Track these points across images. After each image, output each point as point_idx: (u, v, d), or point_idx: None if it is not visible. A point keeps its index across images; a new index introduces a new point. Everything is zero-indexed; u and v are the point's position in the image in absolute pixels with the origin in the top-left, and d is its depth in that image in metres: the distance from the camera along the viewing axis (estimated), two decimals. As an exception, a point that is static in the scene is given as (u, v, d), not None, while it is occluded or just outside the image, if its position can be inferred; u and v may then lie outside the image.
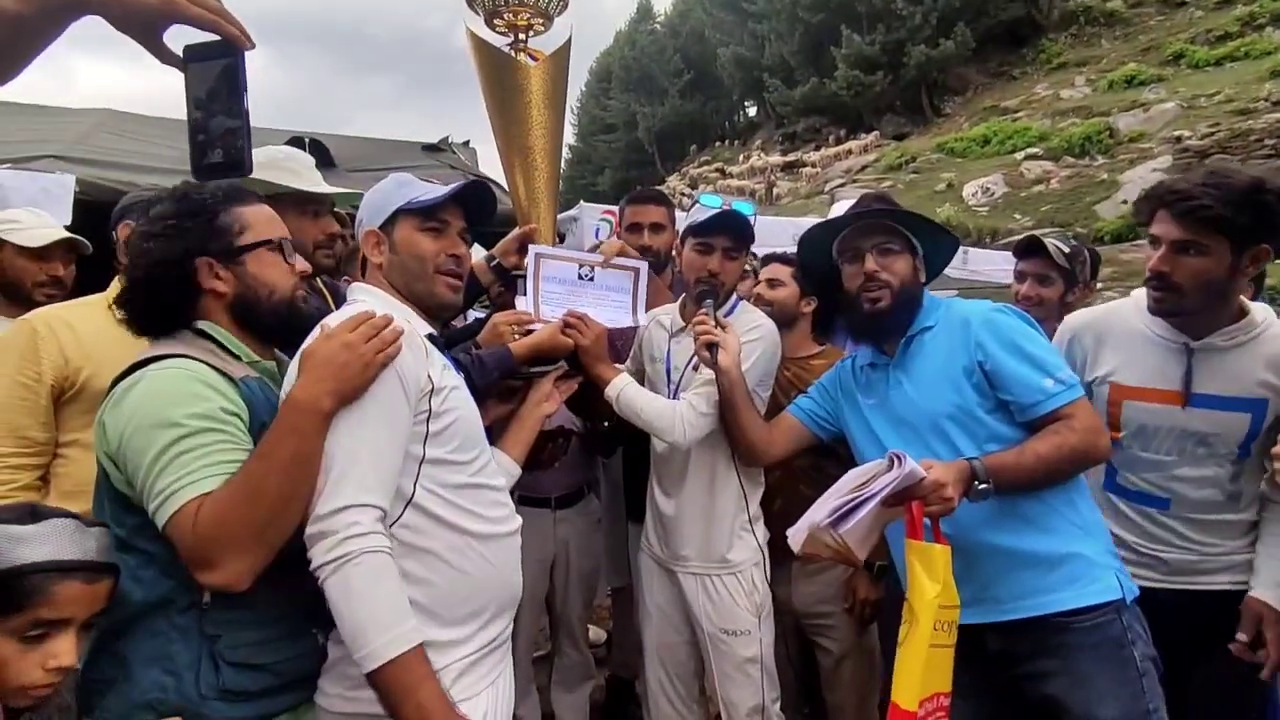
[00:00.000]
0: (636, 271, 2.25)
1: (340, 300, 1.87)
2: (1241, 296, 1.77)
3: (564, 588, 2.67)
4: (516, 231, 2.17)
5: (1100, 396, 1.88)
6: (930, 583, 1.45)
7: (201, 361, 1.31)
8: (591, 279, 2.20)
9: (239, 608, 1.27)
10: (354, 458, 1.27)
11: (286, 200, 1.83)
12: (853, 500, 1.47)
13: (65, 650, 1.10)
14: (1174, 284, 1.69)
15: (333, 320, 1.37)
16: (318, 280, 2.02)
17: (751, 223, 2.11)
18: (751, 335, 2.08)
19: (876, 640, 2.43)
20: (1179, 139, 18.00)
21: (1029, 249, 2.76)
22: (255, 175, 1.53)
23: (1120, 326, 1.87)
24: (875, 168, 24.85)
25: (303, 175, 1.97)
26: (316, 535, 1.23)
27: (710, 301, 2.01)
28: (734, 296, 2.21)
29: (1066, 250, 2.72)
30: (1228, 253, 1.65)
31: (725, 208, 2.10)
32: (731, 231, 2.09)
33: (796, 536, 1.54)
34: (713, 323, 1.94)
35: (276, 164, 1.93)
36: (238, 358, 1.39)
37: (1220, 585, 1.83)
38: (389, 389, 1.31)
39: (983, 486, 1.57)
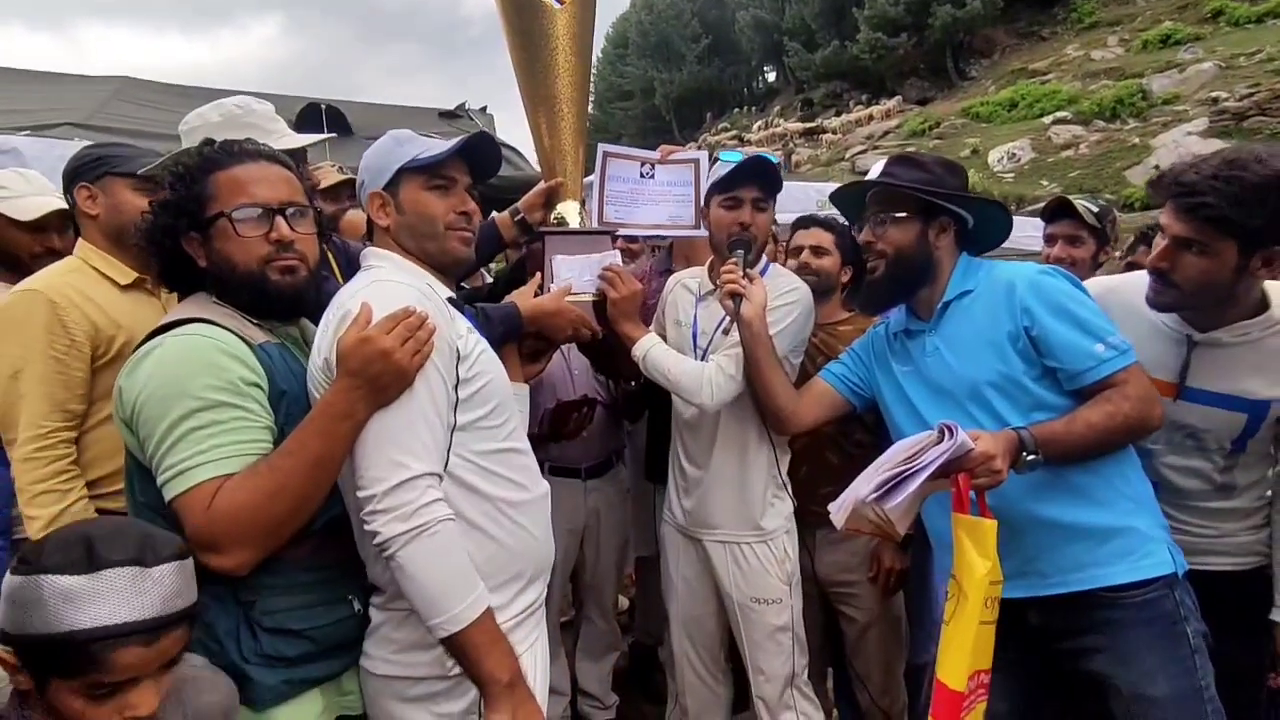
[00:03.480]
0: (696, 163, 2.23)
1: (351, 262, 1.83)
2: (1267, 284, 1.62)
3: (594, 558, 2.67)
4: (541, 186, 2.10)
5: None
6: (980, 559, 1.40)
7: (221, 326, 1.27)
8: (653, 176, 2.21)
9: (273, 574, 1.26)
10: (410, 429, 1.25)
11: None
12: (902, 473, 1.41)
13: (142, 702, 1.00)
14: (1173, 282, 1.57)
15: (351, 296, 1.31)
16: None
17: (778, 170, 2.05)
18: (787, 299, 2.02)
19: (902, 609, 2.40)
20: (1215, 100, 17.38)
21: (1058, 211, 2.72)
22: (213, 136, 1.45)
23: (1126, 306, 1.71)
24: (897, 134, 24.31)
25: (264, 129, 1.83)
26: (384, 509, 1.21)
27: (741, 252, 1.95)
28: (765, 259, 2.14)
29: (1095, 210, 2.67)
30: (1234, 254, 1.50)
31: (746, 158, 2.03)
32: (759, 180, 2.02)
33: (840, 512, 1.48)
34: (741, 273, 1.88)
35: (234, 120, 1.82)
36: (257, 322, 1.35)
37: (1217, 566, 1.76)
38: (429, 365, 1.29)
39: (1031, 458, 1.50)
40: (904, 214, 1.75)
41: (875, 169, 2.77)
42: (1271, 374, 1.61)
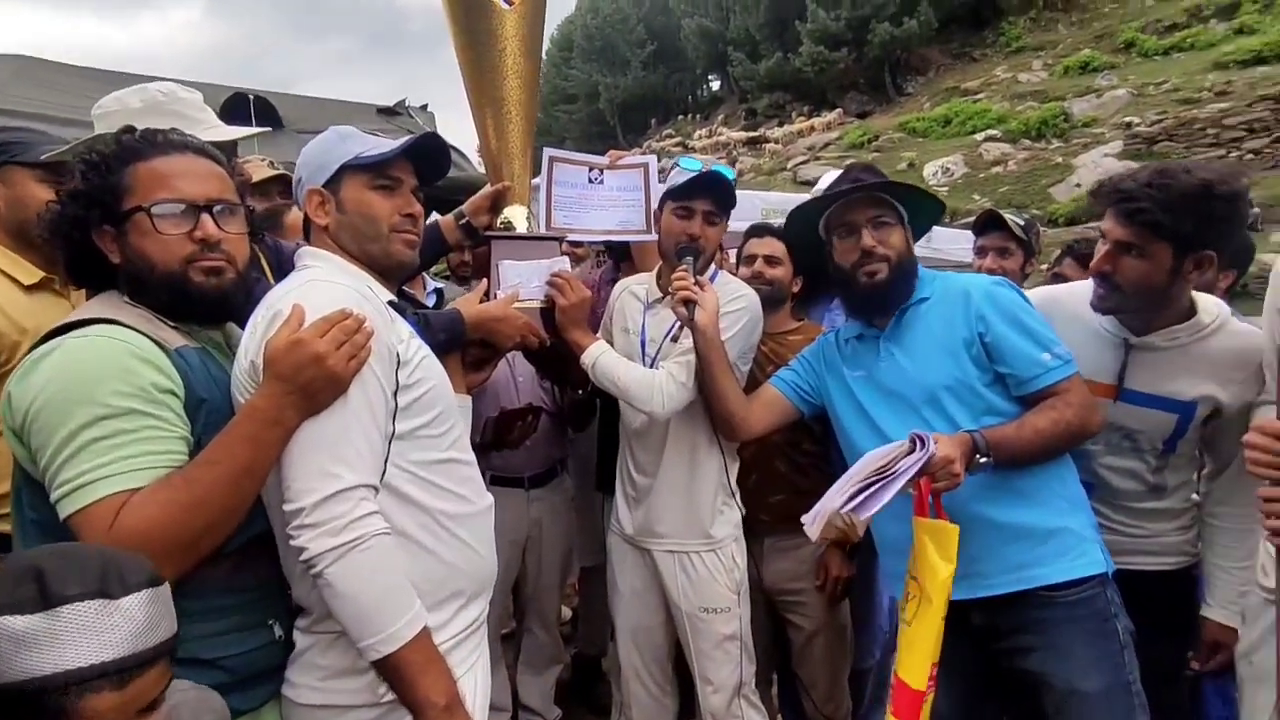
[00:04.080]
0: (645, 167, 2.21)
1: (285, 263, 1.72)
2: (1194, 293, 1.75)
3: (537, 569, 2.61)
4: (488, 189, 2.03)
5: None
6: (943, 562, 1.43)
7: (131, 328, 1.16)
8: (601, 182, 2.18)
9: (183, 598, 1.12)
10: (344, 437, 1.18)
11: None
12: (874, 482, 1.42)
13: None
14: (1115, 284, 1.68)
15: (283, 296, 1.23)
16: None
17: (733, 186, 2.04)
18: (735, 305, 2.01)
19: (848, 616, 2.42)
20: (1129, 125, 18.47)
21: (988, 223, 2.83)
22: (133, 124, 1.35)
23: (1070, 314, 1.82)
24: (838, 145, 24.95)
25: (191, 118, 1.71)
26: (313, 523, 1.13)
27: (690, 259, 1.93)
28: (713, 266, 2.13)
29: (1021, 223, 2.80)
30: (1169, 257, 1.61)
31: (705, 170, 2.01)
32: (713, 194, 2.01)
33: (815, 524, 1.49)
34: (692, 280, 1.86)
35: (158, 108, 1.70)
36: (174, 325, 1.24)
37: (1147, 566, 1.84)
38: (366, 371, 1.22)
39: (983, 460, 1.55)
40: (893, 220, 1.79)
41: (826, 179, 2.82)
42: (1197, 376, 1.71)
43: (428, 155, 1.46)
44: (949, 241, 5.68)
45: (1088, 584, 1.62)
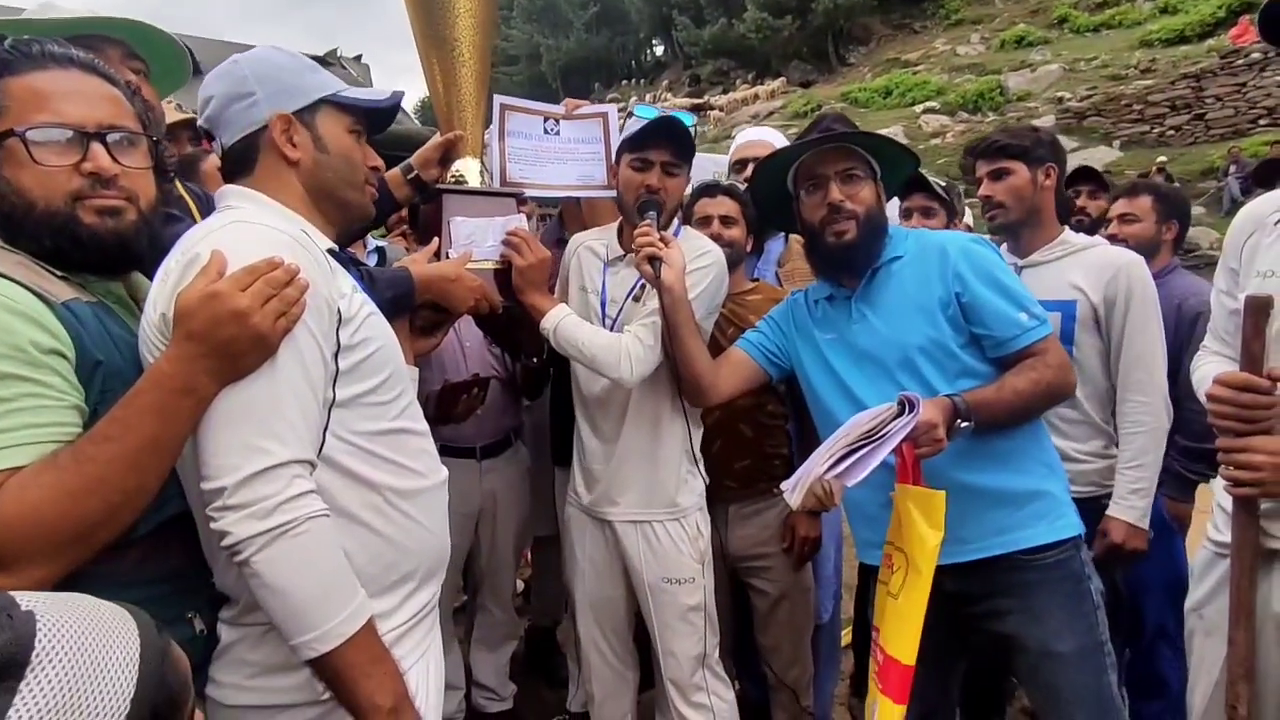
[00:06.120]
0: (604, 116, 2.09)
1: (210, 209, 1.54)
2: (1065, 228, 2.22)
3: (490, 543, 2.50)
4: (438, 139, 1.86)
5: None
6: (932, 530, 1.38)
7: (5, 277, 0.97)
8: (558, 133, 2.06)
9: (84, 590, 0.99)
10: (275, 406, 1.02)
11: None
12: (861, 446, 1.36)
13: None
14: (997, 202, 2.16)
15: (202, 239, 1.06)
16: (176, 184, 1.61)
17: (693, 134, 1.93)
18: (701, 262, 1.92)
19: (812, 579, 2.40)
20: (1061, 100, 19.06)
21: (912, 184, 2.83)
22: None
23: None
24: (782, 114, 25.00)
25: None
26: (236, 505, 0.98)
27: (653, 213, 1.83)
28: (676, 221, 2.03)
29: (943, 184, 2.85)
30: (1026, 170, 2.14)
31: (661, 115, 1.90)
32: (672, 142, 1.89)
33: (795, 492, 1.42)
34: (656, 235, 1.76)
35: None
36: (63, 276, 1.05)
37: None
38: (300, 329, 1.06)
39: (963, 425, 1.51)
40: (863, 174, 1.72)
41: (743, 137, 2.78)
42: (1070, 280, 2.11)
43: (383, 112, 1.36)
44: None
45: (1065, 546, 1.62)
